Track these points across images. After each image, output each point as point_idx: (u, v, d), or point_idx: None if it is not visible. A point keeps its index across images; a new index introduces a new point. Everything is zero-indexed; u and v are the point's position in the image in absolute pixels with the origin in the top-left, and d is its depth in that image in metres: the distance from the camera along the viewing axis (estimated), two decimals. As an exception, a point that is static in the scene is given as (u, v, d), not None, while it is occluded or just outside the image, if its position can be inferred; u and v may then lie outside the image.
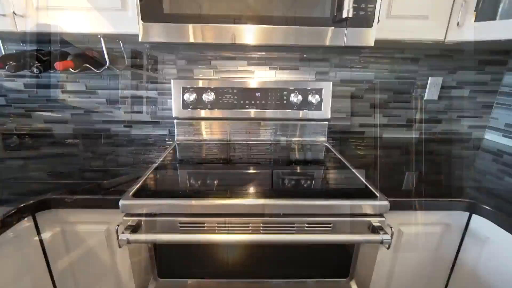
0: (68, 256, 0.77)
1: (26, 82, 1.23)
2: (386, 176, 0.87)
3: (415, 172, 0.92)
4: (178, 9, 0.78)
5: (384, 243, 0.66)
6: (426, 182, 0.85)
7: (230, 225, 0.69)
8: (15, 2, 0.83)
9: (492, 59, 1.25)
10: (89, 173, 0.86)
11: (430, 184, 0.83)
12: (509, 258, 0.67)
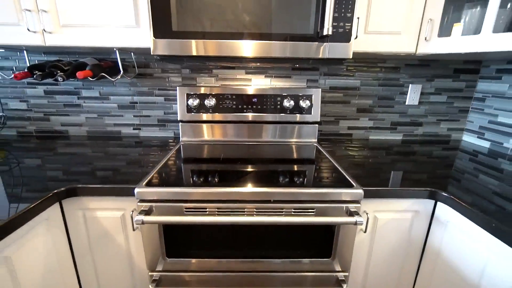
0: (88, 237, 0.89)
1: (46, 89, 1.37)
2: (367, 171, 0.99)
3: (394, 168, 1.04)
4: (184, 27, 0.92)
5: (358, 224, 0.78)
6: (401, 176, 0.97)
7: (228, 210, 0.81)
8: (45, 21, 0.98)
9: (465, 68, 1.39)
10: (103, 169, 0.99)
11: (403, 177, 0.95)
12: (463, 238, 0.78)
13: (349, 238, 0.87)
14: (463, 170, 1.04)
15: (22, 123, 1.42)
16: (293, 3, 0.89)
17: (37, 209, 0.74)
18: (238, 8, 0.90)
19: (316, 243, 0.88)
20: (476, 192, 0.84)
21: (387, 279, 0.98)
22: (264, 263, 0.89)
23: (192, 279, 0.90)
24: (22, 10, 0.96)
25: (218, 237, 0.88)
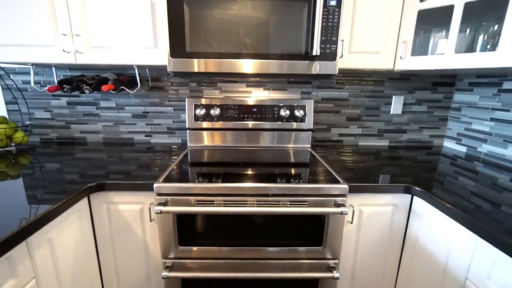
0: (110, 227, 1.02)
1: (68, 100, 1.53)
2: (354, 171, 1.14)
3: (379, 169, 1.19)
4: (195, 48, 1.09)
5: (343, 214, 0.91)
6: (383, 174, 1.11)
7: (232, 202, 0.95)
8: (77, 43, 1.15)
9: (442, 81, 1.56)
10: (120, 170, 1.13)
11: (385, 176, 1.10)
12: (434, 226, 0.92)
13: (337, 228, 1.00)
14: (439, 171, 1.18)
15: (45, 131, 1.57)
16: (287, 28, 1.07)
17: (72, 201, 0.87)
18: (240, 33, 1.08)
19: (309, 233, 1.01)
20: (447, 188, 0.98)
21: (373, 265, 1.10)
22: (263, 251, 1.02)
23: (200, 265, 1.02)
24: (59, 34, 1.14)
25: (223, 228, 1.01)
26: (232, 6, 1.05)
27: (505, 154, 1.27)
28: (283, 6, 1.05)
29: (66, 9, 1.12)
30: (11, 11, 1.11)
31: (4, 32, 1.13)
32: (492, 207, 0.82)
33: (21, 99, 1.50)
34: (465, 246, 0.79)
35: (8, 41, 1.14)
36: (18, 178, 1.01)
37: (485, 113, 1.37)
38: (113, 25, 1.14)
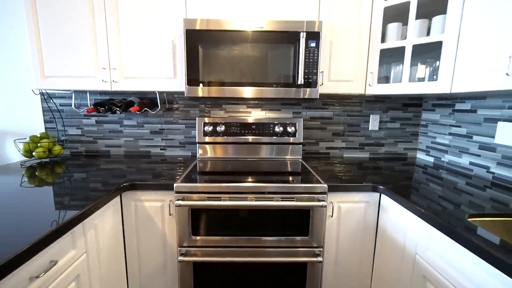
0: (135, 220, 1.26)
1: (97, 119, 1.82)
2: (336, 176, 1.39)
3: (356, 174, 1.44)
4: (207, 78, 1.40)
5: (323, 207, 1.16)
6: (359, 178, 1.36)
7: (235, 197, 1.20)
8: (113, 74, 1.46)
9: (411, 103, 1.86)
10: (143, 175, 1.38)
11: (360, 179, 1.35)
12: (396, 218, 1.16)
13: (320, 221, 1.24)
14: (404, 176, 1.44)
15: (75, 145, 1.85)
16: (278, 63, 1.38)
17: (109, 198, 1.12)
18: (242, 66, 1.38)
19: (298, 225, 1.25)
20: (405, 188, 1.23)
21: (353, 251, 1.32)
22: (260, 240, 1.25)
23: (208, 252, 1.25)
24: (100, 68, 1.45)
25: (227, 222, 1.25)
26: (236, 48, 1.37)
27: (461, 162, 1.53)
28: (275, 48, 1.37)
29: (106, 50, 1.44)
30: (65, 51, 1.43)
31: (58, 66, 1.44)
32: (435, 199, 1.07)
33: (58, 118, 1.79)
34: (414, 229, 1.03)
35: (61, 73, 1.45)
36: (64, 181, 1.27)
37: (444, 129, 1.66)
38: (141, 60, 1.46)
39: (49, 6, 1.40)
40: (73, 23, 1.42)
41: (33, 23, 1.41)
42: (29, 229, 0.78)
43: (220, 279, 1.28)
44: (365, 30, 1.46)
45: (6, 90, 1.78)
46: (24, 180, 1.25)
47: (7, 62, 1.75)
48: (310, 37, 1.35)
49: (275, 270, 1.28)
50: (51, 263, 0.81)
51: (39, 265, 0.76)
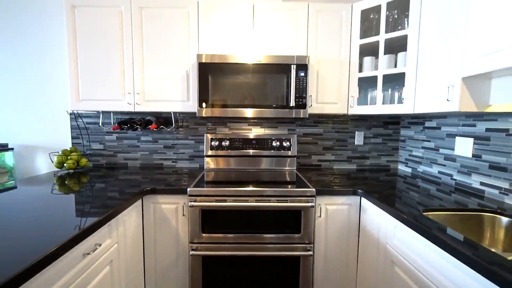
0: (153, 220, 1.49)
1: (117, 136, 2.10)
2: (324, 183, 1.63)
3: (341, 182, 1.68)
4: (215, 101, 1.68)
5: (311, 207, 1.40)
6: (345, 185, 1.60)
7: (238, 199, 1.44)
8: (137, 98, 1.75)
9: (391, 121, 2.14)
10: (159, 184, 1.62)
11: (345, 186, 1.59)
12: (372, 215, 1.39)
13: (310, 220, 1.47)
14: (384, 183, 1.68)
15: (97, 158, 2.10)
16: (275, 89, 1.67)
17: (134, 200, 1.36)
18: (245, 92, 1.68)
19: (291, 224, 1.47)
20: (380, 192, 1.48)
21: (340, 246, 1.53)
22: (259, 236, 1.47)
23: (215, 247, 1.46)
24: (126, 93, 1.75)
25: (232, 221, 1.47)
26: (239, 76, 1.67)
27: (432, 171, 1.78)
28: (271, 77, 1.67)
29: (132, 78, 1.75)
30: (97, 79, 1.74)
31: (91, 91, 1.74)
32: (402, 200, 1.31)
33: (84, 135, 2.07)
34: (383, 222, 1.26)
35: (93, 97, 1.74)
36: (94, 188, 1.51)
37: (418, 143, 1.92)
38: (160, 86, 1.76)
39: (87, 41, 1.72)
40: (106, 56, 1.73)
41: (73, 55, 1.73)
42: (78, 221, 1.02)
43: (225, 272, 1.48)
44: (346, 62, 1.77)
45: (40, 111, 2.07)
46: (63, 186, 1.50)
47: (42, 87, 2.05)
48: (299, 68, 1.66)
49: (273, 264, 1.48)
50: (96, 245, 1.04)
51: (89, 246, 1.00)
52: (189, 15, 1.72)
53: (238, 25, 1.73)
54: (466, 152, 1.49)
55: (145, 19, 1.72)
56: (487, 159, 1.38)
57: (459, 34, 1.18)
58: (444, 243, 0.86)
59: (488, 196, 1.36)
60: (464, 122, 1.52)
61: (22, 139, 2.09)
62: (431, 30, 1.37)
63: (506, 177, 1.27)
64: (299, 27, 1.74)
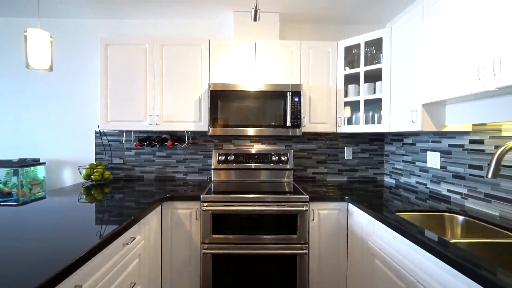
0: (170, 223, 1.73)
1: (135, 151, 2.38)
2: (318, 193, 1.89)
3: (333, 191, 1.94)
4: (223, 122, 1.99)
5: (305, 211, 1.65)
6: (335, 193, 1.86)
7: (244, 204, 1.70)
8: (156, 119, 2.06)
9: (376, 138, 2.44)
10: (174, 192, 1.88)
11: (335, 193, 1.85)
12: (358, 219, 1.64)
13: (305, 223, 1.72)
14: (368, 192, 1.95)
15: (117, 172, 2.38)
16: (273, 112, 1.99)
17: (155, 206, 1.62)
18: (248, 114, 1.99)
19: (289, 226, 1.72)
20: (364, 198, 1.74)
21: (331, 246, 1.76)
22: (261, 237, 1.71)
23: (223, 246, 1.70)
24: (147, 115, 2.06)
25: (238, 224, 1.72)
26: (243, 101, 1.99)
27: (411, 182, 2.05)
28: (270, 101, 1.99)
29: (153, 102, 2.06)
30: (123, 103, 2.05)
31: (118, 113, 2.05)
32: (381, 204, 1.58)
33: (107, 151, 2.36)
34: (365, 222, 1.51)
35: (119, 118, 2.05)
36: (117, 196, 1.78)
37: (399, 157, 2.21)
38: (177, 109, 2.07)
39: (116, 72, 2.05)
40: (131, 84, 2.06)
41: (104, 84, 2.05)
42: (116, 221, 1.28)
43: (231, 268, 1.71)
44: (333, 89, 2.10)
45: (69, 130, 2.37)
46: (94, 195, 1.76)
47: (72, 110, 2.37)
48: (294, 94, 1.98)
49: (273, 261, 1.71)
50: (131, 239, 1.29)
51: (126, 238, 1.25)
52: (201, 51, 2.07)
53: (242, 59, 2.08)
54: (435, 164, 1.77)
55: (165, 54, 2.07)
56: (451, 170, 1.66)
57: (418, 69, 1.51)
58: (410, 235, 1.12)
59: (453, 201, 1.62)
60: (433, 139, 1.82)
61: (52, 154, 2.37)
62: (399, 65, 1.70)
63: (465, 184, 1.55)
64: (294, 60, 2.09)
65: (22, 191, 2.08)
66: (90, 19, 2.36)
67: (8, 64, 2.34)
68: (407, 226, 1.16)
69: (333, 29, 2.44)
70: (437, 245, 0.95)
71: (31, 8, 2.18)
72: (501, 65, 1.00)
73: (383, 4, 2.07)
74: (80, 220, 1.22)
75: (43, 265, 0.79)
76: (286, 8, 2.15)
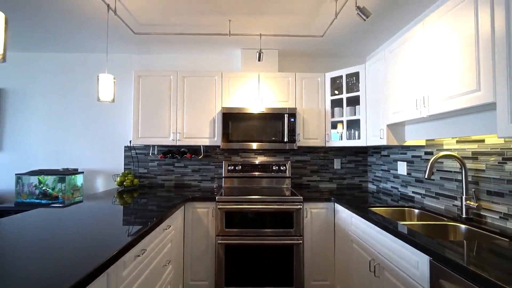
0: (191, 221, 2.16)
1: (158, 162, 2.83)
2: (312, 196, 2.32)
3: (324, 195, 2.37)
4: (232, 138, 2.45)
5: (300, 209, 2.08)
6: (325, 195, 2.29)
7: (250, 204, 2.13)
8: (178, 136, 2.53)
9: (360, 151, 2.90)
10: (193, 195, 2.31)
11: (325, 196, 2.28)
12: (342, 215, 2.06)
13: (299, 219, 2.14)
14: (356, 197, 2.38)
15: (142, 180, 2.82)
16: (273, 130, 2.46)
17: (179, 206, 2.05)
18: (253, 132, 2.45)
19: (287, 222, 2.14)
20: (351, 200, 2.17)
21: (322, 239, 2.17)
22: (263, 231, 2.13)
23: (233, 238, 2.11)
24: (171, 132, 2.53)
25: (246, 220, 2.14)
26: (249, 122, 2.46)
27: (387, 187, 2.48)
28: (271, 121, 2.46)
29: (175, 122, 2.54)
30: (152, 122, 2.53)
31: (147, 131, 2.52)
32: (360, 203, 2.01)
33: (135, 162, 2.81)
34: (347, 216, 1.94)
35: (148, 135, 2.52)
36: (147, 198, 2.21)
37: (378, 167, 2.65)
38: (195, 127, 2.54)
39: (146, 98, 2.54)
40: (158, 107, 2.54)
41: (136, 107, 2.54)
42: (155, 213, 1.72)
43: (240, 256, 2.11)
44: (322, 111, 2.59)
45: (103, 145, 2.84)
46: (130, 197, 2.20)
47: (107, 128, 2.84)
48: (290, 116, 2.46)
49: (274, 250, 2.12)
50: (168, 226, 1.72)
51: (165, 225, 1.68)
52: (215, 81, 2.58)
53: (248, 87, 2.58)
54: (403, 171, 2.22)
55: (186, 83, 2.58)
56: (414, 175, 2.10)
57: (384, 98, 1.99)
58: (377, 222, 1.55)
59: (416, 200, 2.05)
60: (401, 151, 2.27)
61: (88, 165, 2.82)
62: (371, 93, 2.19)
63: (423, 186, 1.99)
64: (290, 88, 2.59)
65: (67, 195, 2.51)
66: (127, 54, 2.90)
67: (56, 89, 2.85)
68: (373, 216, 1.59)
69: (323, 61, 2.97)
70: (390, 225, 1.38)
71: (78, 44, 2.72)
72: (429, 100, 1.48)
73: (363, 42, 2.60)
74: (125, 214, 1.66)
75: (114, 241, 1.22)
76: (283, 46, 2.68)
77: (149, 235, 1.38)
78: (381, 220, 1.47)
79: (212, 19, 2.12)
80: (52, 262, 0.91)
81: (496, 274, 0.81)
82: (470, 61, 1.20)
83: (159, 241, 1.55)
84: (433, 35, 1.44)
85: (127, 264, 1.15)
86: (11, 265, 0.89)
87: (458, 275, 0.91)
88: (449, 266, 0.95)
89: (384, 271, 1.38)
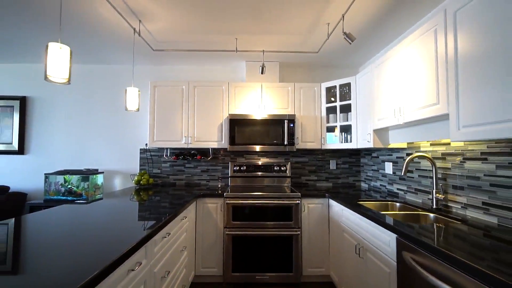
0: (202, 214, 2.44)
1: (170, 163, 3.13)
2: (309, 193, 2.60)
3: (320, 192, 2.65)
4: (238, 141, 2.75)
5: (298, 204, 2.37)
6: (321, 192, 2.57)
7: (254, 199, 2.41)
8: (190, 139, 2.83)
9: (354, 153, 3.19)
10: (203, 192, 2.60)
11: (321, 193, 2.56)
12: (335, 209, 2.34)
13: (298, 213, 2.42)
14: (350, 195, 2.66)
15: (156, 179, 3.11)
16: (275, 134, 2.75)
17: (192, 201, 2.34)
18: (256, 135, 2.75)
19: (286, 216, 2.42)
20: (344, 196, 2.46)
21: (318, 231, 2.44)
22: (266, 224, 2.41)
23: (239, 229, 2.39)
24: (182, 136, 2.83)
25: (250, 214, 2.43)
26: (253, 126, 2.76)
27: (377, 185, 2.76)
28: (272, 126, 2.76)
29: (187, 127, 2.84)
30: (166, 127, 2.83)
31: (161, 135, 2.83)
32: (351, 198, 2.29)
33: (149, 163, 3.11)
34: (339, 210, 2.22)
35: (162, 139, 2.83)
36: (162, 196, 2.50)
37: (369, 167, 2.94)
38: (204, 132, 2.84)
39: (161, 105, 2.85)
40: (171, 114, 2.85)
41: (152, 114, 2.85)
42: (172, 206, 2.01)
43: (246, 246, 2.39)
44: (318, 117, 2.88)
45: (121, 147, 3.14)
46: (147, 194, 2.50)
47: (125, 132, 3.15)
48: (290, 121, 2.76)
49: (275, 241, 2.40)
50: (184, 217, 2.01)
51: (182, 217, 1.97)
52: (223, 90, 2.88)
53: (252, 96, 2.88)
54: (390, 170, 2.50)
55: (197, 92, 2.88)
56: (398, 174, 2.38)
57: (371, 106, 2.29)
58: (362, 212, 1.84)
59: (400, 196, 2.33)
60: (388, 153, 2.56)
61: (107, 165, 3.12)
62: (360, 102, 2.49)
63: (405, 183, 2.27)
64: (289, 96, 2.89)
65: (90, 193, 2.81)
66: (143, 65, 3.22)
67: (79, 97, 3.17)
68: (358, 208, 1.87)
69: (319, 71, 3.27)
70: (372, 214, 1.67)
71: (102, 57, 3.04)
72: (404, 110, 1.77)
73: (354, 55, 2.90)
74: (148, 208, 1.95)
75: (146, 225, 1.52)
76: (284, 59, 2.99)
77: (172, 221, 1.67)
78: (365, 210, 1.75)
79: (221, 37, 2.43)
80: (100, 241, 1.21)
81: (440, 244, 1.09)
82: (432, 79, 1.50)
83: (178, 228, 1.84)
84: (407, 56, 1.74)
85: (157, 242, 1.45)
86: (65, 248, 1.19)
87: (414, 246, 1.19)
88: (409, 240, 1.23)
89: (367, 252, 1.66)
